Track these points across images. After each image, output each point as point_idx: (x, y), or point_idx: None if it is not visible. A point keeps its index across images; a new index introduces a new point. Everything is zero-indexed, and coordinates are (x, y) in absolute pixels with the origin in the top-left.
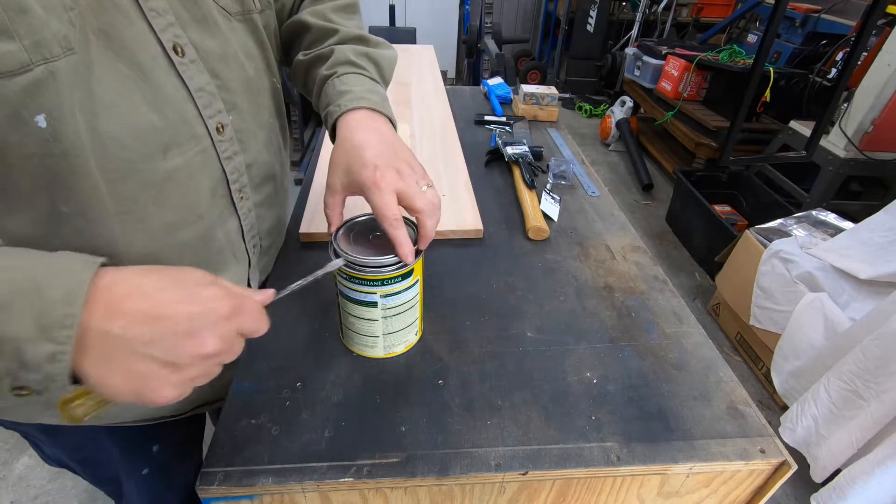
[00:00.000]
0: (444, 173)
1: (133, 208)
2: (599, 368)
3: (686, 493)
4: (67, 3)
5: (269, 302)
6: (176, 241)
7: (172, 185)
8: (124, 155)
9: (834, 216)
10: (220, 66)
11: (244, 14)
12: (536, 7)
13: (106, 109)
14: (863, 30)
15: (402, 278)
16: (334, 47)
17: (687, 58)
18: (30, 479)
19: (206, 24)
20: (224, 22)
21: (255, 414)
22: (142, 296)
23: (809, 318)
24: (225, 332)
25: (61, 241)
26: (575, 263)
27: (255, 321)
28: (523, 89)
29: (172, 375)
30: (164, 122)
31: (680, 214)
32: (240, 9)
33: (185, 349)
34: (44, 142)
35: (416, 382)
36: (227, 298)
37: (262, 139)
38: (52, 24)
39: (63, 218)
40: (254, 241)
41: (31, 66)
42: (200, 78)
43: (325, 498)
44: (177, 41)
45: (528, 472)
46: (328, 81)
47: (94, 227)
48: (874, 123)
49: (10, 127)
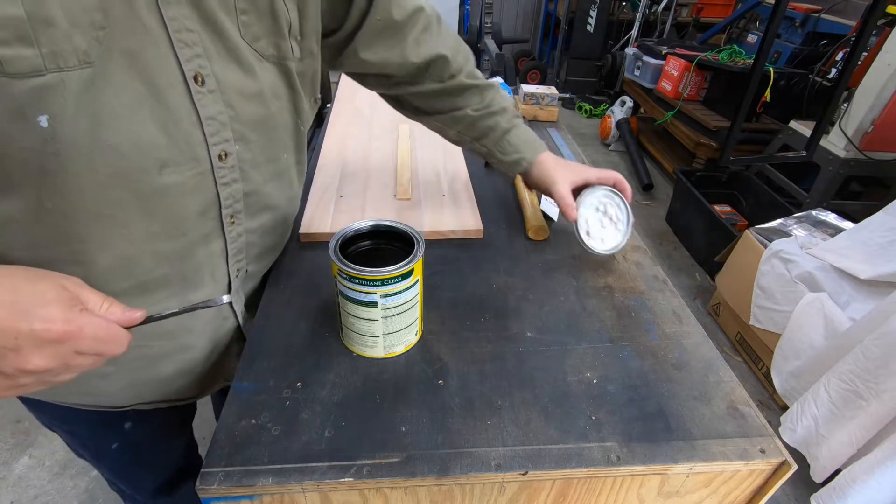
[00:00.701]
0: (444, 173)
1: (118, 213)
2: (599, 368)
3: (686, 493)
4: (98, 22)
5: (131, 324)
6: (154, 249)
7: (163, 199)
8: (121, 164)
9: (834, 216)
10: (239, 99)
11: (279, 59)
12: (536, 7)
13: (112, 120)
14: (863, 30)
15: (402, 278)
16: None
17: (687, 58)
18: (30, 479)
19: (234, 61)
20: (256, 62)
21: (255, 414)
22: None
23: (809, 318)
24: (53, 352)
25: (42, 228)
26: (575, 263)
27: (97, 344)
28: (523, 89)
29: (1, 380)
30: (167, 141)
31: (680, 214)
32: (275, 53)
33: (9, 362)
34: (41, 140)
35: (416, 382)
36: (60, 322)
37: (269, 171)
38: (74, 39)
39: (45, 212)
40: (238, 265)
41: (44, 72)
42: (214, 107)
43: (325, 498)
44: (200, 71)
45: (528, 472)
46: (511, 132)
47: (72, 226)
48: (874, 123)
49: (12, 122)
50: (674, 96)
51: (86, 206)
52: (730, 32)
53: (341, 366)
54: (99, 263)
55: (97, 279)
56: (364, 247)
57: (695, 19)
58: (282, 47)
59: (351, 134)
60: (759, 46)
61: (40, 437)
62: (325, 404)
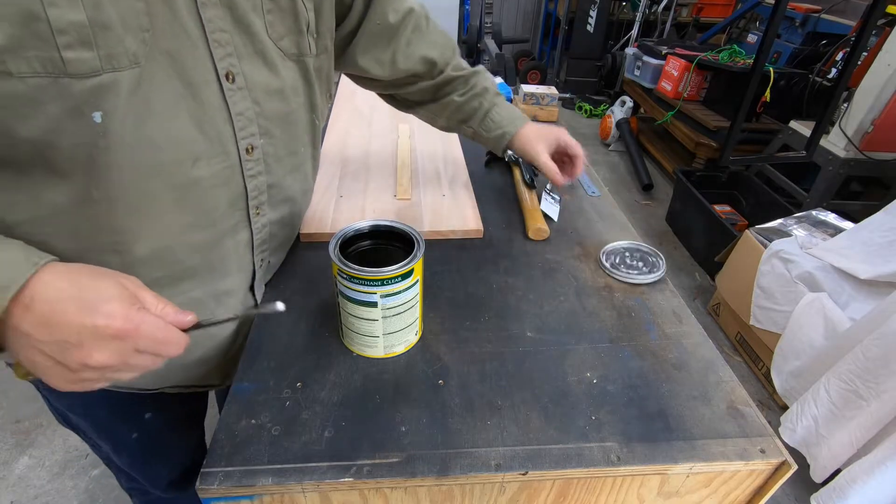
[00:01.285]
0: (444, 173)
1: (154, 205)
2: (599, 368)
3: (686, 493)
4: (144, 25)
5: (182, 327)
6: (186, 240)
7: (195, 190)
8: (159, 157)
9: (834, 216)
10: (264, 96)
11: (299, 56)
12: (536, 7)
13: (153, 116)
14: (863, 30)
15: (402, 278)
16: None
17: (687, 58)
18: (30, 479)
19: (260, 60)
20: (279, 61)
21: (255, 414)
22: (45, 301)
23: (809, 318)
24: (114, 348)
25: (85, 218)
26: (575, 263)
27: (155, 343)
28: (523, 89)
29: (65, 373)
30: (201, 136)
31: (680, 214)
32: (296, 51)
33: (73, 356)
34: (94, 135)
35: (416, 382)
36: (121, 320)
37: (289, 165)
38: (126, 41)
39: (91, 201)
40: (262, 255)
41: (100, 73)
42: (243, 104)
43: (325, 498)
44: (230, 69)
45: (528, 472)
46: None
47: (114, 216)
48: (874, 123)
49: (69, 118)
50: (674, 96)
51: (126, 198)
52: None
53: (341, 366)
54: (135, 253)
55: (133, 268)
56: (364, 247)
57: (695, 19)
58: (301, 45)
59: (351, 134)
60: (759, 46)
61: (40, 437)
62: (325, 404)
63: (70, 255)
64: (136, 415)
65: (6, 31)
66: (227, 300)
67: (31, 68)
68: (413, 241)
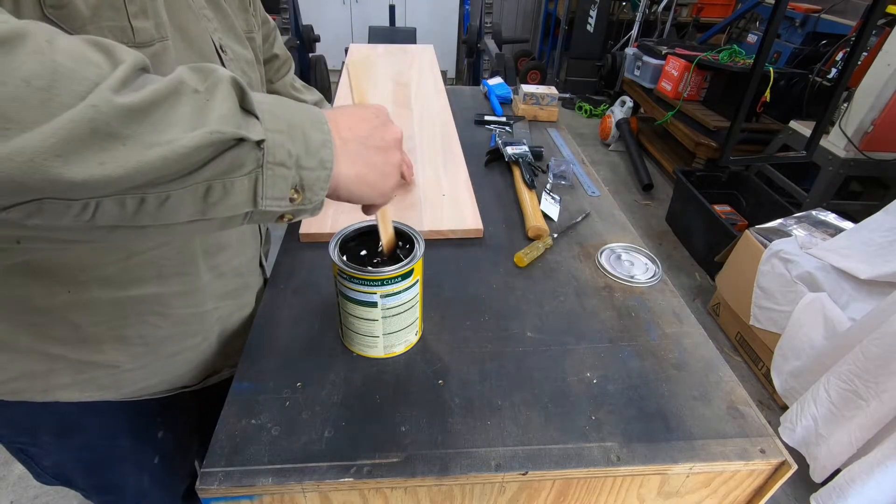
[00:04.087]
0: (444, 173)
1: None
2: (599, 368)
3: (686, 493)
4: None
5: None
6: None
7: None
8: None
9: (834, 216)
10: (245, 66)
11: (248, 33)
12: (536, 7)
13: None
14: (863, 30)
15: (402, 278)
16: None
17: (687, 58)
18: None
19: (233, 35)
20: (244, 36)
21: (255, 414)
22: (341, 114)
23: (809, 318)
24: (399, 157)
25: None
26: (575, 263)
27: (408, 169)
28: (523, 89)
29: (387, 157)
30: None
31: (680, 214)
32: (247, 28)
33: (385, 134)
34: None
35: (416, 382)
36: (398, 131)
37: None
38: (160, 12)
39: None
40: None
41: (154, 42)
42: (236, 74)
43: (325, 498)
44: (222, 42)
45: (528, 472)
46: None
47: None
48: (874, 123)
49: None
50: (674, 96)
51: None
52: (730, 32)
53: (341, 366)
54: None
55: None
56: (364, 247)
57: (695, 19)
58: (249, 22)
59: None
60: (759, 46)
61: None
62: (325, 404)
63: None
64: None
65: (90, 3)
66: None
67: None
68: (413, 241)
